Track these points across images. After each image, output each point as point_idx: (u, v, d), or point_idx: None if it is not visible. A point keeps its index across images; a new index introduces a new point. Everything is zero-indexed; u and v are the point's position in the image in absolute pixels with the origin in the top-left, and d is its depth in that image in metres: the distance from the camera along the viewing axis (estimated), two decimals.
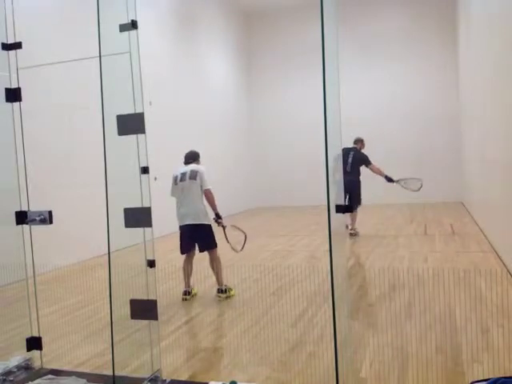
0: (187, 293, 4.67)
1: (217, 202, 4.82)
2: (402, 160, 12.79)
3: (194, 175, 4.76)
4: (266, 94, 14.10)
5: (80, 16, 6.15)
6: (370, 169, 8.25)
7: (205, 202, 4.80)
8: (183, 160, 5.00)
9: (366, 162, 8.23)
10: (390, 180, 8.06)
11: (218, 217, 4.78)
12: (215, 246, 4.76)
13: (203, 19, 11.62)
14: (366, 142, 8.49)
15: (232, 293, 4.69)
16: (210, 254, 4.77)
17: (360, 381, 2.80)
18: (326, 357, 3.08)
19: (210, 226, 4.75)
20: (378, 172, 8.17)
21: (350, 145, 8.28)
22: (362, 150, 8.39)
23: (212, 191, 4.79)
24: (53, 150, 6.38)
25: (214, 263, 4.72)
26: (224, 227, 4.81)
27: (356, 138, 8.42)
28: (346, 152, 8.05)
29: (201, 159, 5.05)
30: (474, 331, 3.44)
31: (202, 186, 4.75)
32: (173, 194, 4.87)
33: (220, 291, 4.65)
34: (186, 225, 4.73)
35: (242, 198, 12.93)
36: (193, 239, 4.74)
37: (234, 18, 13.55)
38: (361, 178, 8.27)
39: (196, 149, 5.08)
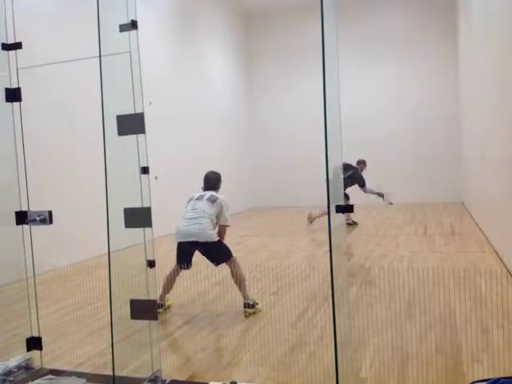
0: (160, 306, 4.22)
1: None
2: (402, 160, 12.81)
3: (213, 199, 4.36)
4: (265, 94, 14.09)
5: (80, 16, 6.15)
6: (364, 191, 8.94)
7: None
8: (202, 185, 4.58)
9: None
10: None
11: None
12: (230, 255, 4.28)
13: (203, 19, 11.61)
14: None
15: (258, 307, 4.20)
16: (229, 266, 4.28)
17: (360, 381, 2.80)
18: (326, 357, 3.08)
19: (218, 241, 4.31)
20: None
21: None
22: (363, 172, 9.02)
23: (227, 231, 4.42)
24: (53, 150, 6.38)
25: (235, 275, 4.23)
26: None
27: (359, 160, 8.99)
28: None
29: (221, 184, 4.64)
30: (474, 331, 3.44)
31: (218, 217, 4.33)
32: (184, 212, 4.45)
33: (247, 306, 4.11)
34: (189, 242, 4.21)
35: (242, 197, 12.92)
36: (190, 256, 4.30)
37: (234, 17, 13.55)
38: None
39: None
